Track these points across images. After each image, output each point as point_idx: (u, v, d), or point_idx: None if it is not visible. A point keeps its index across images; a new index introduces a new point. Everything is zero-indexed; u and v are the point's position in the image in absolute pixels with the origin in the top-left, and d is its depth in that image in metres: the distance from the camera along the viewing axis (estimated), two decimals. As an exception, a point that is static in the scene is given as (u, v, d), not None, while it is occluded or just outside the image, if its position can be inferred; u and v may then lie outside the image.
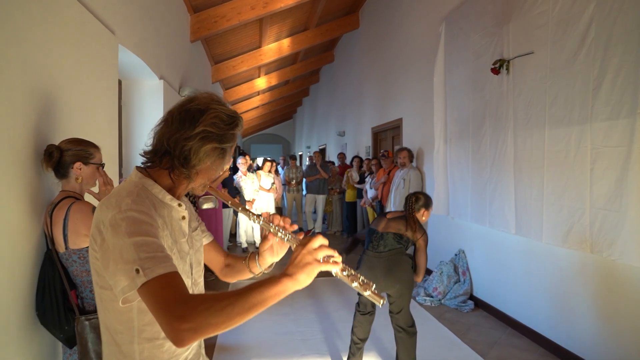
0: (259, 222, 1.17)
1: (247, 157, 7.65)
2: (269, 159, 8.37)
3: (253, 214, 1.20)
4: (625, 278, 2.75)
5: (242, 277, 1.35)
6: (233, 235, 7.93)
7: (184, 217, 1.15)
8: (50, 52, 2.07)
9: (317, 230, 8.84)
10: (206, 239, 1.33)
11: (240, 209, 1.23)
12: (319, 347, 3.57)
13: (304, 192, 9.15)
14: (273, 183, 8.08)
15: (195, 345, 1.18)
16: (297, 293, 4.05)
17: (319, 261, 0.96)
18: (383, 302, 1.00)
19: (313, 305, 4.55)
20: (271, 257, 1.27)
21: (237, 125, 1.11)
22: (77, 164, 1.90)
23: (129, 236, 0.93)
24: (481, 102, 4.21)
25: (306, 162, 12.22)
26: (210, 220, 5.06)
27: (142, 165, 1.13)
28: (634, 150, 2.54)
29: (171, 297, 0.87)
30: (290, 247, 1.17)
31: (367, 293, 0.99)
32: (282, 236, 1.13)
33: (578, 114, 2.98)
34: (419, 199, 2.98)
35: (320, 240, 0.99)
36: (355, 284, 1.00)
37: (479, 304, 4.47)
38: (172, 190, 1.12)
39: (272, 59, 9.15)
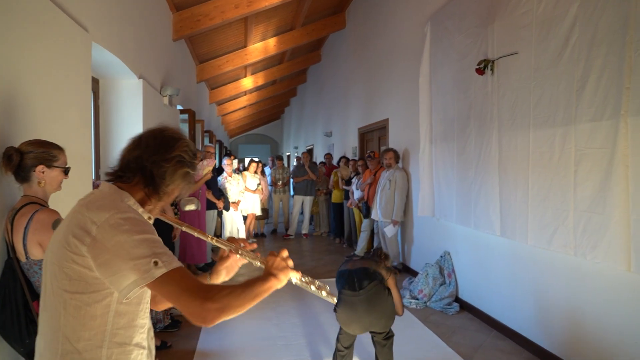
0: (215, 242, 1.29)
1: (232, 158, 7.56)
2: (255, 159, 8.28)
3: (212, 237, 1.30)
4: (611, 282, 2.73)
5: None
6: (218, 236, 7.81)
7: None
8: (12, 49, 1.96)
9: (304, 232, 8.76)
10: None
11: (196, 234, 1.29)
12: (301, 352, 3.50)
13: (291, 193, 9.06)
14: (259, 184, 8.00)
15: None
16: (280, 297, 3.97)
17: (289, 267, 1.21)
18: (336, 299, 1.28)
19: (296, 309, 4.47)
20: (226, 275, 1.36)
21: (197, 158, 1.25)
22: (40, 167, 1.80)
23: (138, 234, 1.01)
24: (466, 103, 4.17)
25: (294, 162, 12.15)
26: (192, 223, 4.95)
27: (110, 182, 1.17)
28: (618, 152, 2.51)
29: (195, 284, 1.00)
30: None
31: (323, 294, 1.25)
32: (244, 254, 1.29)
33: (562, 115, 2.95)
34: (387, 256, 3.01)
35: (286, 252, 1.24)
36: (313, 288, 1.25)
37: (465, 307, 4.44)
38: (142, 205, 1.19)
39: (258, 58, 9.06)
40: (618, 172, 2.51)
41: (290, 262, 1.22)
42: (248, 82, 11.43)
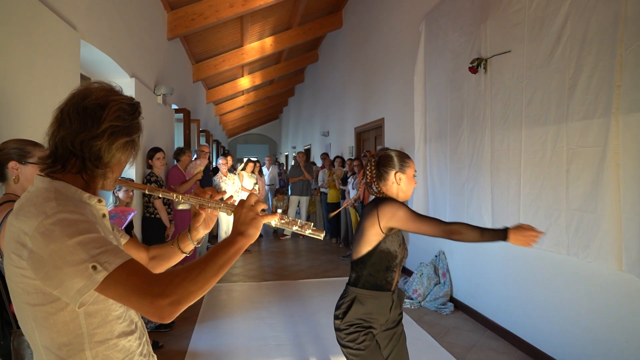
0: (185, 200, 1.20)
1: (229, 158, 7.53)
2: (252, 159, 8.26)
3: (177, 194, 1.21)
4: (604, 281, 2.71)
5: (171, 263, 1.34)
6: (214, 236, 7.80)
7: (104, 215, 1.11)
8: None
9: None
10: (124, 239, 1.27)
11: (161, 194, 1.21)
12: (294, 352, 3.48)
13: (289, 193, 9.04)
14: (255, 183, 7.97)
15: (144, 341, 1.15)
16: (274, 296, 3.91)
17: (260, 215, 1.07)
18: (323, 235, 1.13)
19: (290, 309, 4.45)
20: (204, 230, 1.30)
21: (140, 113, 1.08)
22: (12, 164, 1.76)
23: (70, 237, 0.89)
24: (459, 102, 4.16)
25: (291, 162, 12.12)
26: (184, 222, 4.93)
27: (43, 173, 1.03)
28: (609, 151, 2.49)
29: (142, 281, 0.89)
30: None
31: (308, 232, 1.13)
32: (215, 206, 1.19)
33: (554, 114, 2.94)
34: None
35: (255, 197, 1.09)
36: (295, 228, 1.14)
37: (459, 306, 4.42)
38: (86, 189, 1.06)
39: (254, 57, 9.03)
40: (609, 171, 2.50)
41: (261, 207, 1.08)
42: (245, 82, 11.40)
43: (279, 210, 6.87)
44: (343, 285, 2.23)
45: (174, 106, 6.72)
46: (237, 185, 7.22)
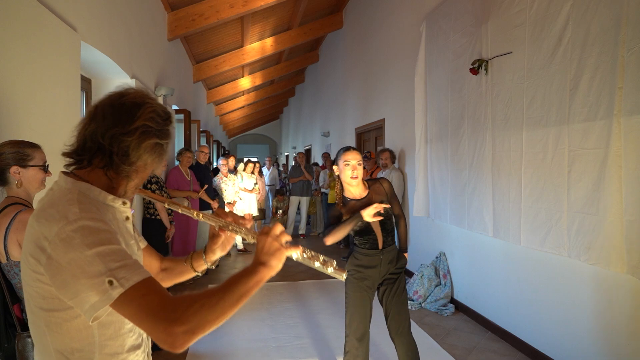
0: (204, 219, 1.18)
1: (230, 159, 7.52)
2: (252, 160, 8.25)
3: (198, 212, 1.18)
4: (605, 283, 2.70)
5: (181, 279, 1.30)
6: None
7: (127, 218, 1.09)
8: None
9: (300, 232, 8.74)
10: (142, 243, 1.25)
11: (180, 210, 1.18)
12: (294, 353, 3.47)
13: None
14: (255, 183, 7.97)
15: (147, 353, 1.12)
16: (275, 297, 3.94)
17: (284, 246, 1.02)
18: (345, 275, 1.09)
19: (291, 310, 4.45)
20: (221, 252, 1.25)
21: (172, 122, 1.06)
22: (14, 168, 1.75)
23: (89, 247, 0.86)
24: (460, 103, 4.15)
25: (292, 163, 12.11)
26: (184, 224, 4.93)
27: (67, 169, 1.01)
28: (611, 153, 2.48)
29: (158, 303, 0.84)
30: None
31: (330, 270, 1.07)
32: (236, 230, 1.14)
33: (555, 115, 2.93)
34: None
35: (280, 228, 1.05)
36: (317, 264, 1.07)
37: (460, 308, 4.41)
38: (110, 191, 1.03)
39: (255, 58, 9.03)
40: (611, 173, 2.49)
41: (285, 239, 1.03)
42: (246, 82, 11.39)
43: (279, 211, 6.91)
44: (344, 286, 2.70)
45: (175, 107, 6.72)
46: (237, 185, 7.21)
